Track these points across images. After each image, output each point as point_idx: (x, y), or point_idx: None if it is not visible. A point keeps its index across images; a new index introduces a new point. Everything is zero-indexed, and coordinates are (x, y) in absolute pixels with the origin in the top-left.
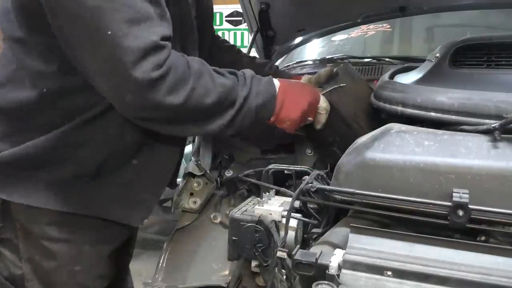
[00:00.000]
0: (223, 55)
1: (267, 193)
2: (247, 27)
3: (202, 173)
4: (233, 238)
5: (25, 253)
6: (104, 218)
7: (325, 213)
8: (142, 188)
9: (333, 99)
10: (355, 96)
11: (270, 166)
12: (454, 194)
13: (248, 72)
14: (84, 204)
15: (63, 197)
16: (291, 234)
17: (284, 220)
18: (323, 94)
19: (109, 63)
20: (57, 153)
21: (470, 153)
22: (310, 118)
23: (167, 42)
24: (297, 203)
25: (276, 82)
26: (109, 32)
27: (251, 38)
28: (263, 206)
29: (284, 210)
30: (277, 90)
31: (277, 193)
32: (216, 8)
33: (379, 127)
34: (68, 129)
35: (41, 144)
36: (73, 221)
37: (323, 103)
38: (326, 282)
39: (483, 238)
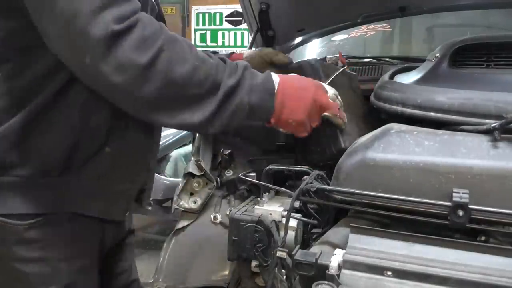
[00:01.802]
0: None
1: (267, 193)
2: (247, 27)
3: (202, 173)
4: (233, 238)
5: None
6: (81, 213)
7: (325, 213)
8: (119, 178)
9: None
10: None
11: (270, 166)
12: (454, 194)
13: (241, 62)
14: (58, 202)
15: (31, 199)
16: (291, 234)
17: (284, 220)
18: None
19: (64, 19)
20: (18, 148)
21: (470, 153)
22: (326, 114)
23: None
24: (297, 203)
25: (275, 77)
26: None
27: (251, 38)
28: (263, 206)
29: (284, 210)
30: (276, 87)
31: (277, 193)
32: (216, 8)
33: (379, 127)
34: (26, 116)
35: None
36: (44, 237)
37: (330, 91)
38: (326, 282)
39: (483, 238)
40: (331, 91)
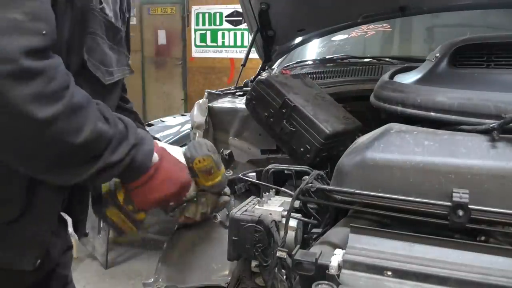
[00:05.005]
0: None
1: (267, 193)
2: (247, 27)
3: None
4: (233, 238)
5: None
6: None
7: (325, 213)
8: (30, 222)
9: None
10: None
11: (270, 166)
12: (454, 194)
13: (133, 133)
14: None
15: None
16: (291, 234)
17: (284, 220)
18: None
19: None
20: None
21: (470, 153)
22: (172, 204)
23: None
24: (297, 203)
25: (155, 157)
26: None
27: (251, 38)
28: (263, 206)
29: (284, 210)
30: (151, 165)
31: (277, 193)
32: (216, 8)
33: (379, 127)
34: None
35: None
36: None
37: (192, 191)
38: (326, 282)
39: (483, 238)
40: (192, 192)
